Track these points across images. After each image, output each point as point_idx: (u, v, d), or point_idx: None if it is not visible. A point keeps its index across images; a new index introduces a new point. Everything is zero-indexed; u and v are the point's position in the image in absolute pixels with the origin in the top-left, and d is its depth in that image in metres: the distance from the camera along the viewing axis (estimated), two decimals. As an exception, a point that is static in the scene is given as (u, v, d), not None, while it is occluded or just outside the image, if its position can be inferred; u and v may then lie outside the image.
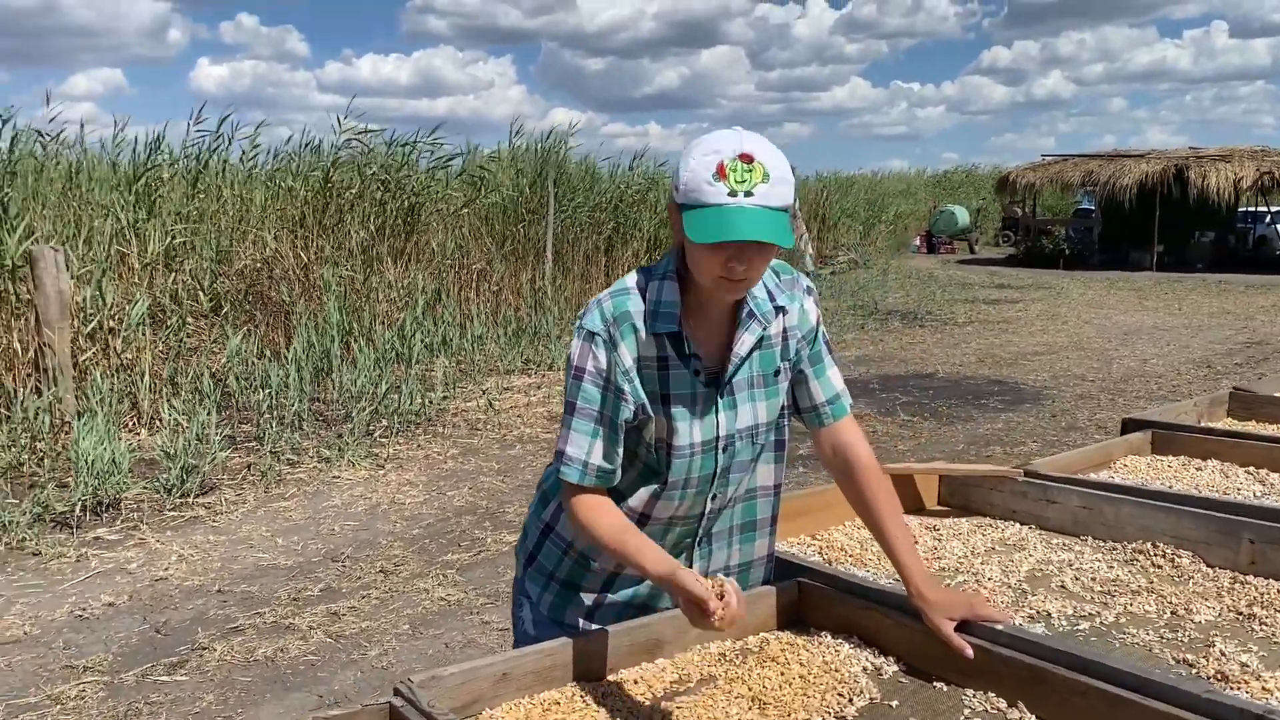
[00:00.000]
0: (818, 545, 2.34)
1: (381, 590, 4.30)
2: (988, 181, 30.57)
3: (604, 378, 1.61)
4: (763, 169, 1.49)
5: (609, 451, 1.63)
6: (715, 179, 1.47)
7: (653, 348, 1.63)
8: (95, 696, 3.40)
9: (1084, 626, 1.88)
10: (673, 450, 1.66)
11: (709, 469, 1.70)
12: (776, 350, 1.72)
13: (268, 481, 5.78)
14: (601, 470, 1.64)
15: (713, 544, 1.80)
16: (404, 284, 9.99)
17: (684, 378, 1.64)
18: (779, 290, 1.71)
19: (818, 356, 1.79)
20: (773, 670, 1.68)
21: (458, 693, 1.54)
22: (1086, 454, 2.91)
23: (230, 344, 7.56)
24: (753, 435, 1.72)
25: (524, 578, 1.86)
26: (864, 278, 18.10)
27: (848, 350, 10.83)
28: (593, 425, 1.62)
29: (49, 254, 6.59)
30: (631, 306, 1.63)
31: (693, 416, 1.65)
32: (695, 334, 1.65)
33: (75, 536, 4.87)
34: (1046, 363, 10.01)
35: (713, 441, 1.68)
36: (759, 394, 1.71)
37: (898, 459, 6.39)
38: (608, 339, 1.61)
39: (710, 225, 1.47)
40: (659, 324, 1.61)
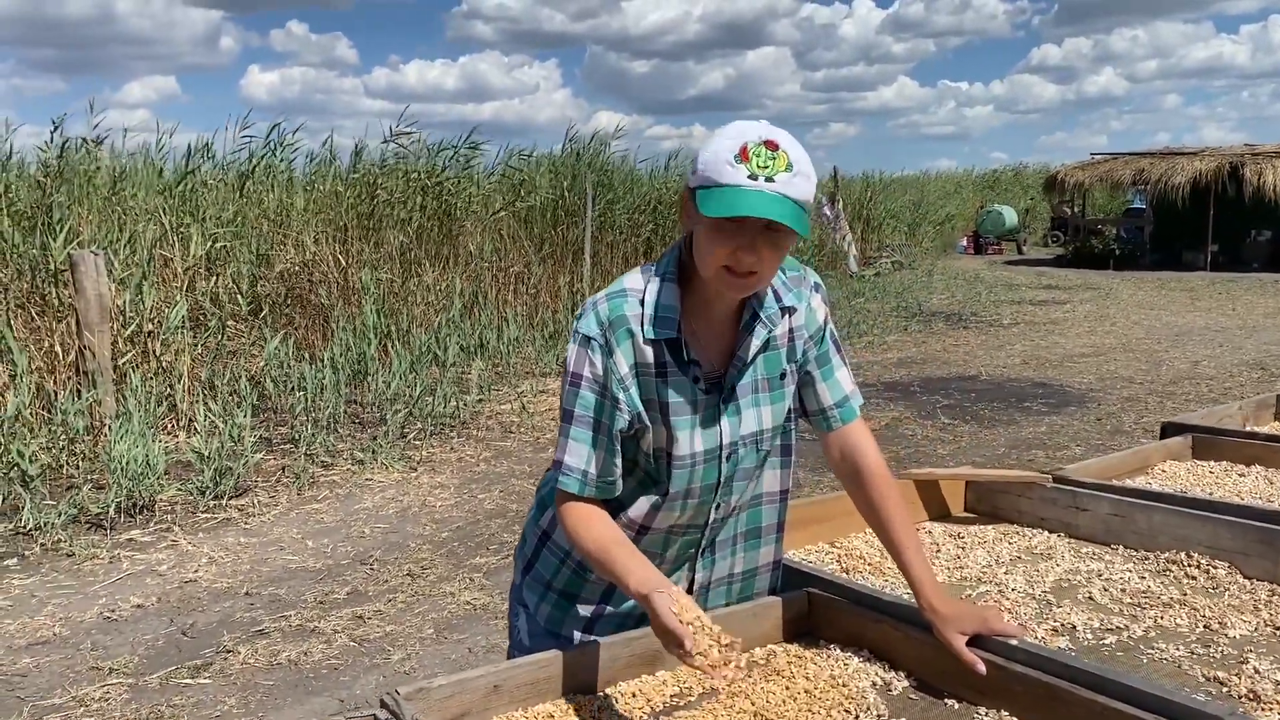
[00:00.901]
0: (836, 553, 2.27)
1: (408, 594, 4.28)
2: (1036, 181, 30.10)
3: (600, 384, 1.55)
4: (786, 158, 1.43)
5: (608, 462, 1.57)
6: (737, 160, 1.42)
7: (650, 354, 1.56)
8: (119, 699, 3.41)
9: (1110, 641, 1.79)
10: (673, 460, 1.59)
11: (712, 478, 1.63)
12: (783, 352, 1.65)
13: (300, 484, 5.79)
14: (602, 481, 1.57)
15: (716, 553, 1.73)
16: (442, 287, 10.02)
17: (683, 385, 1.57)
18: (786, 289, 1.64)
19: (825, 357, 1.71)
20: (777, 684, 1.61)
21: (447, 705, 1.49)
22: (1122, 459, 2.80)
23: (268, 347, 7.60)
24: (757, 441, 1.65)
25: (521, 585, 1.80)
26: (908, 279, 17.89)
27: (889, 352, 10.69)
28: (591, 434, 1.56)
29: (89, 258, 6.66)
30: (628, 310, 1.56)
31: (694, 425, 1.58)
32: (697, 337, 1.58)
33: (109, 538, 4.91)
34: (1093, 365, 9.79)
35: (715, 450, 1.61)
36: (764, 399, 1.64)
37: (937, 463, 6.28)
38: (603, 344, 1.54)
39: (726, 201, 1.41)
40: (658, 330, 1.54)
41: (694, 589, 1.73)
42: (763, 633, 1.76)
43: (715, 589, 1.75)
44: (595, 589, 1.71)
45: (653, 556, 1.67)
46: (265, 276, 9.09)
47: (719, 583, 1.75)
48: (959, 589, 2.05)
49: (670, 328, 1.54)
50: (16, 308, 6.97)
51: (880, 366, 9.86)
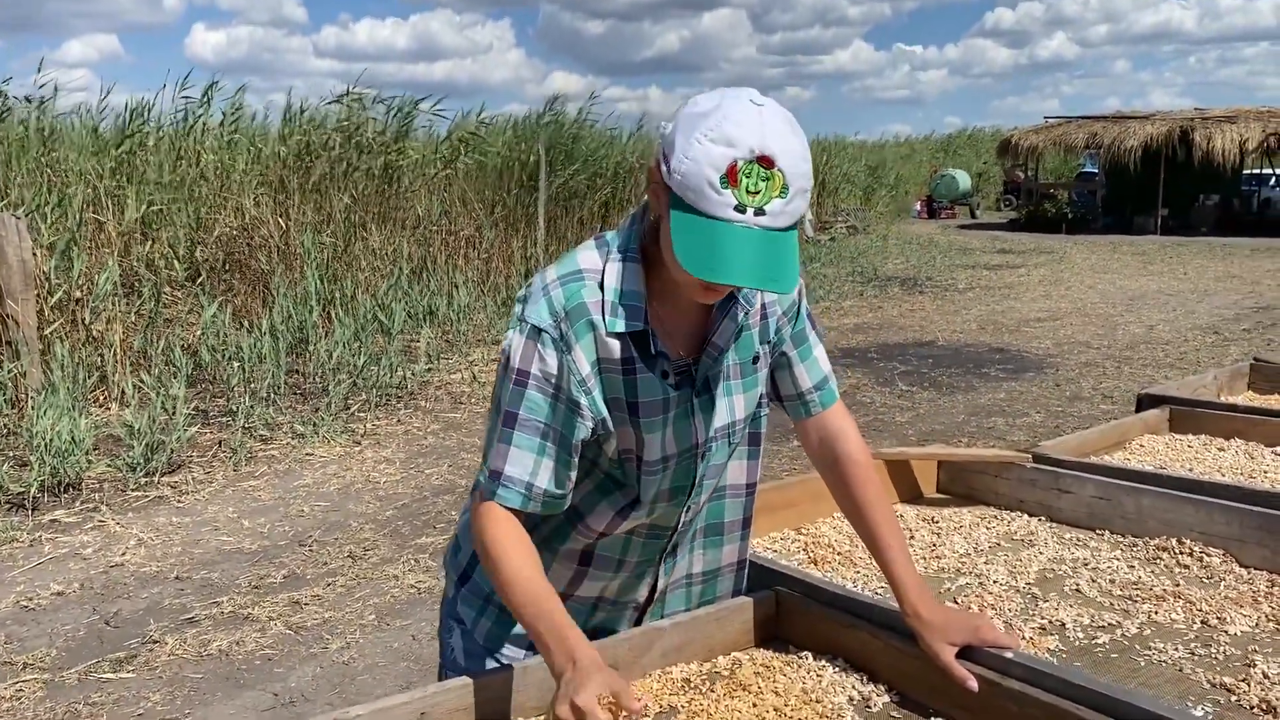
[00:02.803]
0: (803, 540, 2.10)
1: (348, 577, 4.07)
2: (989, 145, 30.15)
3: (554, 385, 1.31)
4: (781, 180, 1.17)
5: (560, 474, 1.34)
6: (724, 184, 1.16)
7: (615, 348, 1.33)
8: (33, 697, 3.17)
9: (1103, 640, 1.64)
10: (643, 465, 1.39)
11: (685, 479, 1.43)
12: (755, 332, 1.44)
13: (238, 459, 5.54)
14: (550, 496, 1.34)
15: (677, 554, 1.54)
16: (388, 251, 9.71)
17: (652, 381, 1.35)
18: None
19: (802, 335, 1.51)
20: (743, 701, 1.43)
21: (365, 737, 1.30)
22: (1101, 434, 2.66)
23: (205, 314, 7.29)
24: (729, 434, 1.45)
25: (455, 599, 1.57)
26: (863, 244, 17.80)
27: (846, 318, 10.57)
28: (539, 440, 1.32)
29: (10, 221, 6.32)
30: (587, 296, 1.32)
31: (665, 425, 1.38)
32: (663, 324, 1.36)
33: (31, 519, 4.64)
34: (1050, 329, 9.75)
35: (690, 450, 1.41)
36: (736, 386, 1.44)
37: (896, 431, 6.16)
38: (558, 338, 1.31)
39: (704, 251, 1.16)
40: (625, 321, 1.31)
41: (655, 595, 1.54)
42: (727, 639, 1.59)
43: (673, 592, 1.57)
44: None
45: (610, 563, 1.48)
46: (203, 241, 8.74)
47: (676, 585, 1.56)
48: (937, 581, 1.89)
49: (638, 318, 1.32)
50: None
51: (837, 332, 9.73)
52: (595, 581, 1.49)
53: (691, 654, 1.55)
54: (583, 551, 1.47)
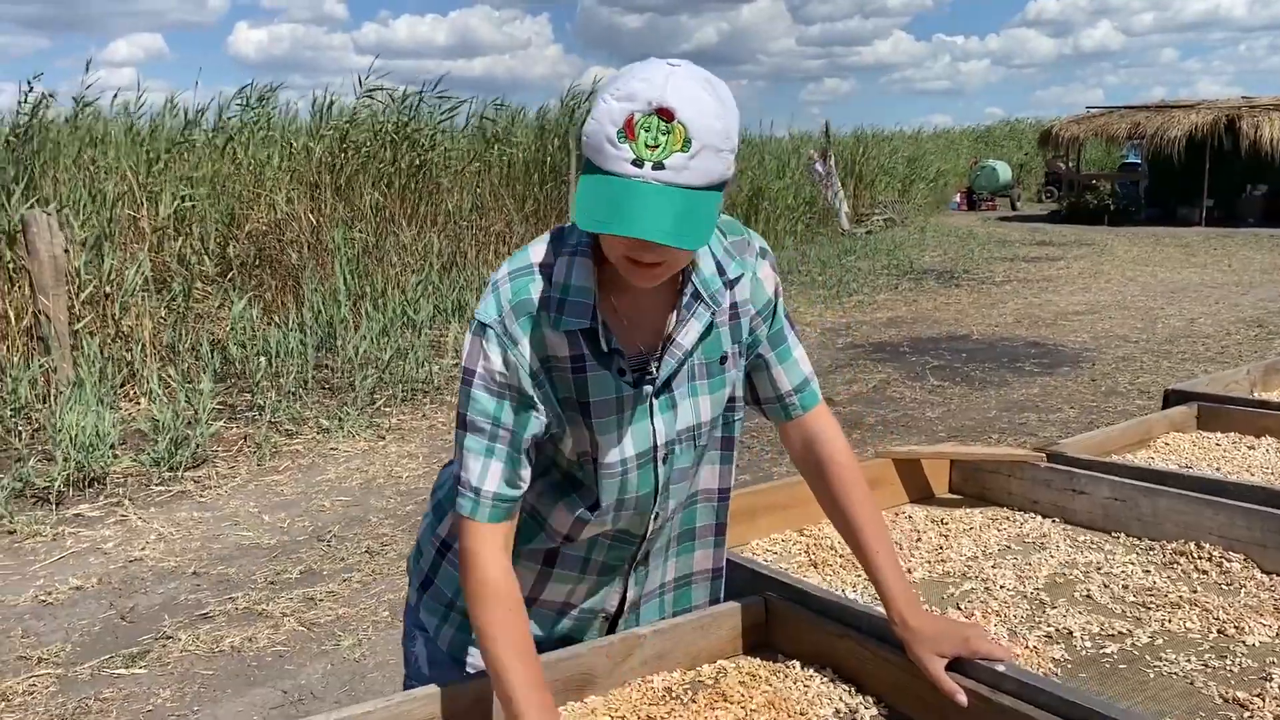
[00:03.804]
0: (805, 542, 2.04)
1: (365, 572, 4.05)
2: (1030, 136, 29.71)
3: (500, 383, 1.26)
4: (683, 132, 1.10)
5: (511, 476, 1.28)
6: (621, 138, 1.10)
7: (564, 344, 1.27)
8: (45, 692, 3.18)
9: (1112, 650, 1.56)
10: (600, 468, 1.33)
11: (648, 485, 1.37)
12: (724, 331, 1.38)
13: (262, 454, 5.55)
14: (500, 499, 1.28)
15: (650, 563, 1.47)
16: (419, 247, 9.71)
17: (605, 379, 1.29)
18: (728, 257, 1.36)
19: (779, 336, 1.44)
20: (725, 711, 1.37)
21: (326, 748, 1.25)
22: (1122, 431, 2.57)
23: (234, 309, 7.32)
24: (694, 437, 1.39)
25: (418, 606, 1.52)
26: (900, 236, 17.59)
27: (879, 311, 10.44)
28: (486, 442, 1.27)
29: (42, 218, 6.37)
30: (534, 291, 1.27)
31: (621, 426, 1.31)
32: (620, 318, 1.31)
33: (55, 514, 4.67)
34: (1088, 323, 9.56)
35: (648, 453, 1.34)
36: (701, 386, 1.37)
37: (925, 426, 6.06)
38: (503, 333, 1.26)
39: (599, 205, 1.11)
40: (568, 317, 1.26)
41: (624, 607, 1.48)
42: (713, 646, 1.53)
43: (647, 603, 1.50)
44: None
45: (575, 562, 1.42)
46: (235, 237, 8.79)
47: (650, 595, 1.50)
48: (941, 586, 1.82)
49: (583, 315, 1.26)
50: (-32, 270, 6.68)
51: (870, 326, 9.61)
52: (560, 584, 1.43)
53: (674, 662, 1.49)
54: (546, 551, 1.41)
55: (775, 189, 15.45)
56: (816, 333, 9.29)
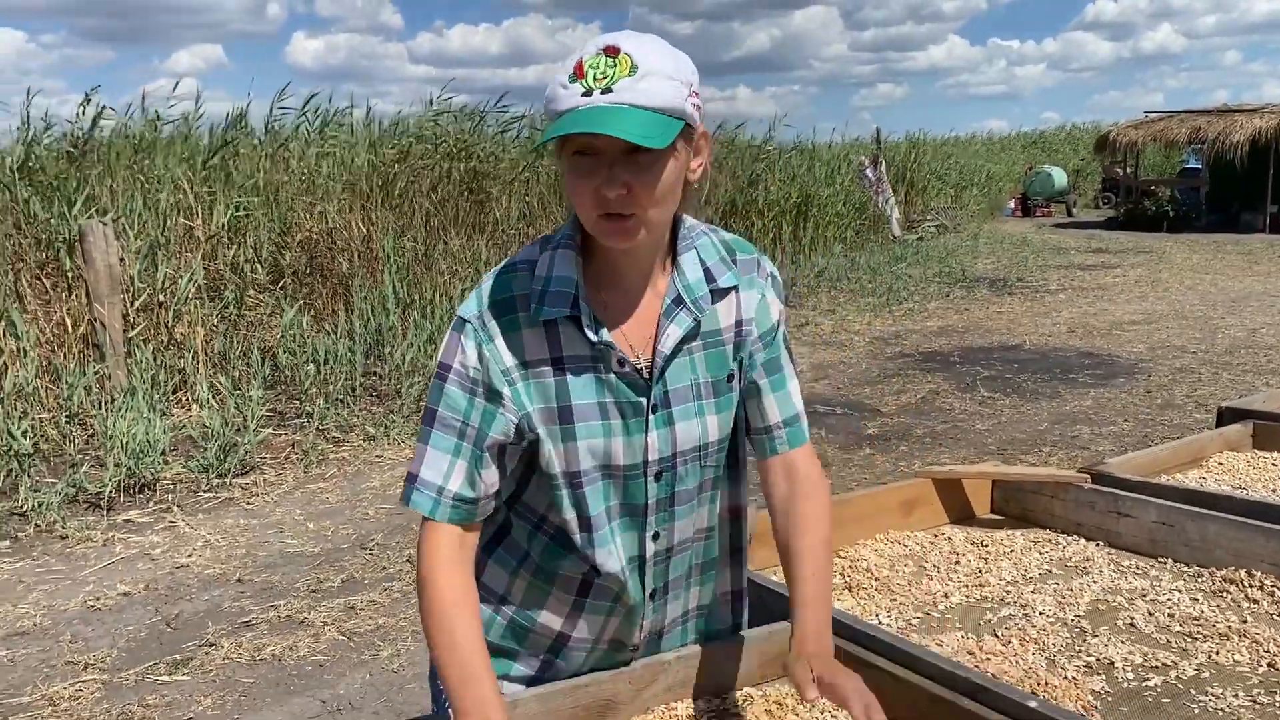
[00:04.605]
0: (840, 564, 2.00)
1: (405, 582, 4.06)
2: (1087, 141, 29.21)
3: (473, 379, 1.26)
4: (629, 61, 1.14)
5: (472, 476, 1.27)
6: (572, 79, 1.15)
7: (544, 344, 1.26)
8: (90, 698, 3.23)
9: (1155, 683, 1.51)
10: (581, 476, 1.29)
11: (637, 500, 1.33)
12: (729, 348, 1.35)
13: (309, 461, 5.60)
14: (460, 500, 1.27)
15: (668, 594, 1.42)
16: (468, 255, 9.77)
17: (588, 383, 1.27)
18: (724, 267, 1.34)
19: (776, 364, 1.39)
20: (749, 741, 1.35)
21: (342, 772, 1.25)
22: (1173, 450, 2.50)
23: (285, 317, 7.41)
24: (700, 457, 1.35)
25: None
26: (952, 243, 17.36)
27: (930, 320, 10.31)
28: (455, 440, 1.27)
29: (98, 228, 6.50)
30: (516, 288, 1.27)
31: (608, 434, 1.28)
32: (610, 312, 1.29)
33: (105, 519, 4.75)
34: (1144, 333, 9.35)
35: (638, 467, 1.31)
36: (708, 406, 1.33)
37: (975, 439, 5.96)
38: (480, 328, 1.26)
39: (559, 126, 1.14)
40: (548, 307, 1.25)
41: (644, 637, 1.44)
42: (741, 673, 1.50)
43: (670, 632, 1.47)
44: (539, 642, 1.42)
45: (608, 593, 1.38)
46: (287, 245, 8.90)
47: (673, 624, 1.47)
48: (978, 611, 1.77)
49: (563, 303, 1.25)
50: (32, 279, 6.84)
51: (920, 335, 9.49)
52: (595, 615, 1.40)
53: (700, 690, 1.46)
54: (581, 580, 1.38)
55: (825, 195, 15.33)
56: (865, 341, 9.20)
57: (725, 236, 1.38)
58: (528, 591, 1.40)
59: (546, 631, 1.40)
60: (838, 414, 6.64)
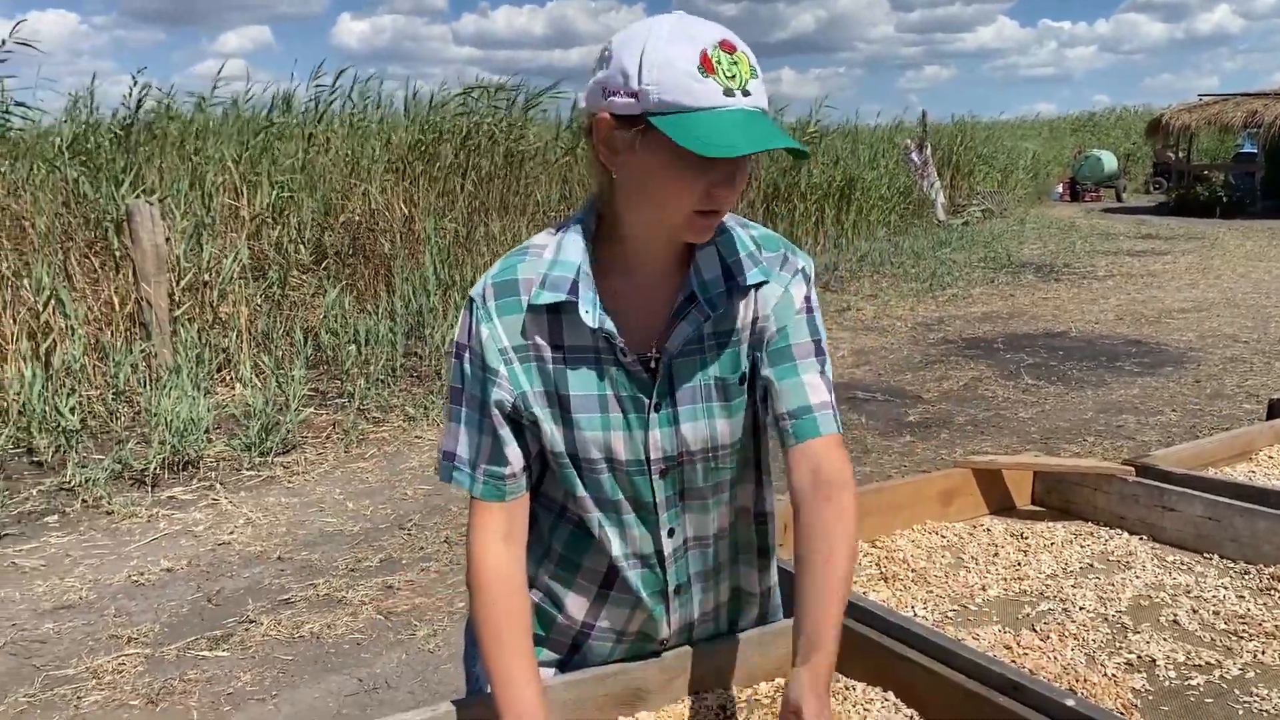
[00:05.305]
0: (876, 555, 1.97)
1: (443, 562, 4.09)
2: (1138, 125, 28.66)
3: (479, 356, 1.26)
4: (748, 61, 1.14)
5: (497, 452, 1.27)
6: (703, 74, 1.10)
7: (544, 329, 1.25)
8: (133, 671, 3.28)
9: (1198, 682, 1.47)
10: (582, 464, 1.29)
11: (644, 496, 1.31)
12: (744, 348, 1.31)
13: (349, 440, 5.65)
14: (491, 476, 1.27)
15: (692, 588, 1.40)
16: (508, 237, 9.78)
17: (587, 376, 1.25)
18: (750, 262, 1.29)
19: (784, 354, 1.29)
20: (780, 733, 1.33)
21: (371, 756, 1.25)
22: (1221, 443, 2.44)
23: (328, 297, 7.47)
24: (710, 458, 1.32)
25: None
26: (998, 228, 17.12)
27: (974, 306, 10.18)
28: (478, 417, 1.27)
29: (144, 208, 6.58)
30: (523, 271, 1.25)
31: (607, 428, 1.27)
32: (618, 299, 1.26)
33: (150, 496, 4.82)
34: (1194, 321, 9.18)
35: (641, 463, 1.29)
36: (717, 408, 1.30)
37: (1017, 428, 5.88)
38: (482, 307, 1.26)
39: (720, 133, 1.09)
40: (546, 292, 1.23)
41: (673, 632, 1.42)
42: (770, 665, 1.48)
43: (700, 627, 1.45)
44: (565, 630, 1.41)
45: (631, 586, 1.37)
46: (330, 226, 8.96)
47: (704, 619, 1.45)
48: (1016, 605, 1.74)
49: (561, 288, 1.22)
50: (81, 257, 6.94)
51: (963, 321, 9.38)
52: (619, 607, 1.39)
53: (730, 680, 1.45)
54: (606, 572, 1.37)
55: (869, 179, 15.16)
56: (907, 327, 9.11)
57: (755, 232, 1.34)
58: (552, 582, 1.39)
59: (571, 620, 1.40)
60: (878, 400, 6.58)
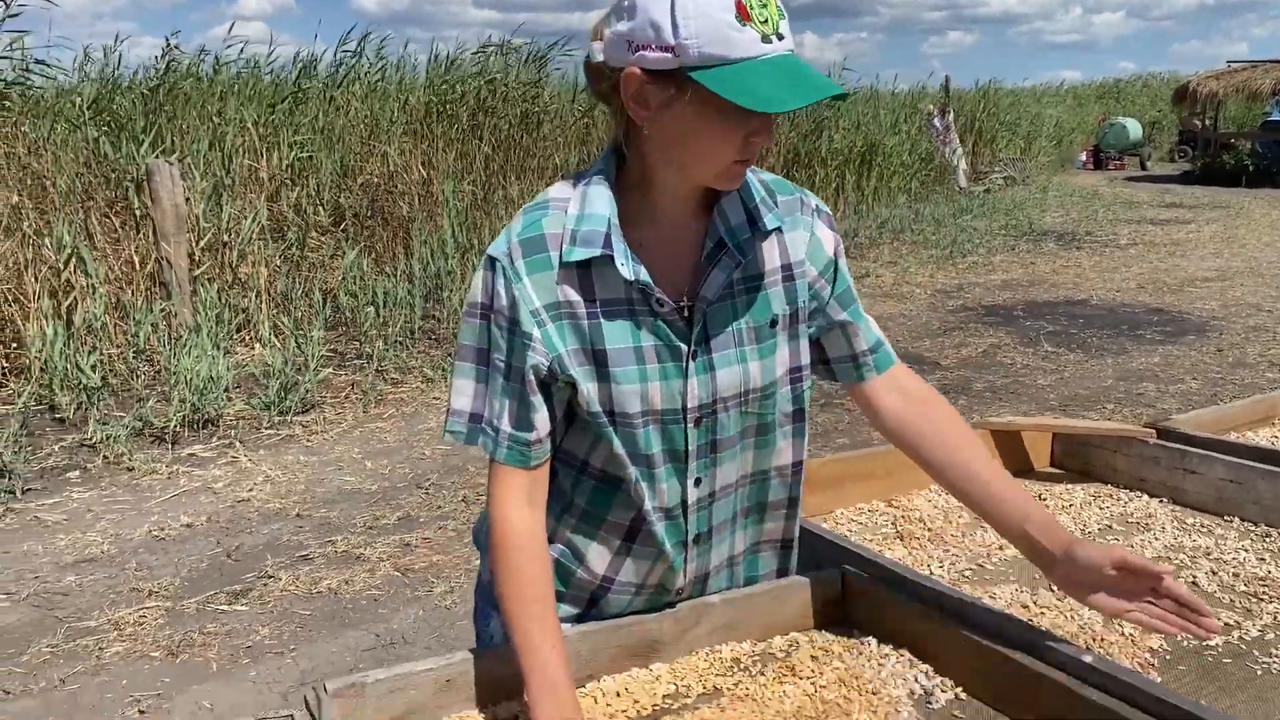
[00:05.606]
0: (893, 514, 1.97)
1: (460, 521, 4.11)
2: (1165, 92, 28.27)
3: (508, 318, 1.22)
4: (775, 1, 1.12)
5: (524, 418, 1.24)
6: (740, 21, 1.08)
7: (576, 285, 1.22)
8: (154, 623, 3.32)
9: (1216, 642, 1.47)
10: (625, 417, 1.26)
11: (678, 445, 1.30)
12: (774, 292, 1.31)
13: (368, 401, 5.67)
14: (515, 441, 1.25)
15: (712, 538, 1.40)
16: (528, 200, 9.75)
17: (622, 327, 1.23)
18: (765, 208, 1.29)
19: (849, 296, 1.38)
20: (793, 686, 1.33)
21: (386, 704, 1.25)
22: (1243, 408, 2.42)
23: (346, 259, 7.48)
24: (742, 403, 1.32)
25: (491, 582, 1.46)
26: (1020, 195, 16.97)
27: (994, 274, 10.11)
28: (502, 380, 1.24)
29: (164, 167, 6.59)
30: (548, 227, 1.22)
31: (645, 379, 1.25)
32: (647, 251, 1.24)
33: (170, 453, 4.86)
34: (1217, 290, 9.09)
35: (677, 413, 1.28)
36: (750, 351, 1.30)
37: (1036, 394, 5.85)
38: (509, 266, 1.22)
39: (768, 85, 1.08)
40: (578, 247, 1.20)
41: (688, 582, 1.41)
42: (785, 619, 1.48)
43: (715, 577, 1.45)
44: (583, 585, 1.40)
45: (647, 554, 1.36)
46: (349, 188, 8.96)
47: (718, 569, 1.45)
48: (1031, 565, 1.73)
49: (594, 243, 1.20)
50: (101, 217, 6.97)
51: (983, 289, 9.32)
52: (640, 560, 1.38)
53: (744, 633, 1.45)
54: (629, 526, 1.36)
55: (890, 145, 15.03)
56: (926, 294, 9.05)
57: (765, 177, 1.34)
58: (574, 536, 1.38)
59: (591, 575, 1.39)
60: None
